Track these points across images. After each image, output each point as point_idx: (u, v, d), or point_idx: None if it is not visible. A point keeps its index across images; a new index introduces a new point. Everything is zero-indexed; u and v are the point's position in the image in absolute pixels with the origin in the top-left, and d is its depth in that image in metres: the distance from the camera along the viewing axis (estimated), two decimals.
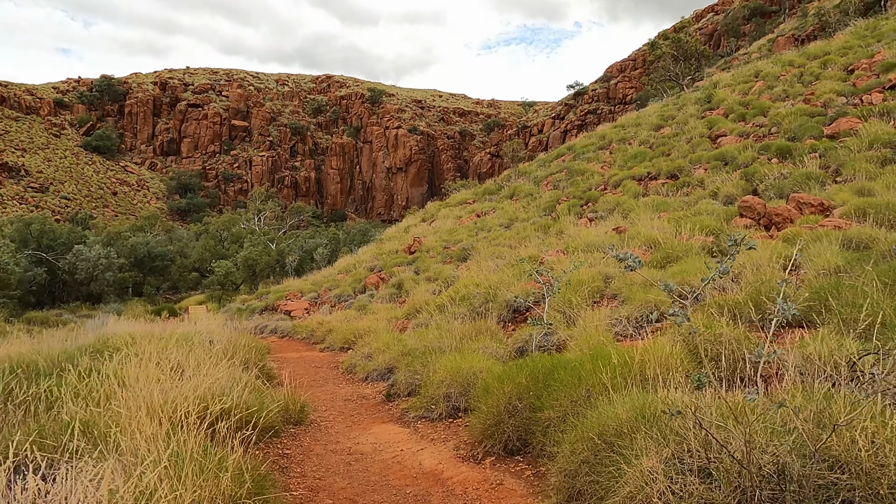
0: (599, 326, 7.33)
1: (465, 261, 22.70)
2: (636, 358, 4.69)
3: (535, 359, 5.29)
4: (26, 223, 42.67)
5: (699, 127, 27.21)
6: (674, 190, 21.56)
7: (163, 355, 9.04)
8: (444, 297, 12.86)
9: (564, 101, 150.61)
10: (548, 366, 5.01)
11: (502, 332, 8.94)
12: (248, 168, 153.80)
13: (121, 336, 12.44)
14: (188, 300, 45.15)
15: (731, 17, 78.28)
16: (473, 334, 8.54)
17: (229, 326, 18.37)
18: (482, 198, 38.34)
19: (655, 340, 5.27)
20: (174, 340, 10.78)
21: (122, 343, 11.33)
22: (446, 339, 8.76)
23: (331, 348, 13.69)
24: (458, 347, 8.16)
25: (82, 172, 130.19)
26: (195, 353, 9.12)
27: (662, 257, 11.74)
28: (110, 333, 13.52)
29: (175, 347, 9.81)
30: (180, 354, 9.34)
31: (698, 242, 12.59)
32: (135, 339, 12.03)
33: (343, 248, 54.77)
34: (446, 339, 8.76)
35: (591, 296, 9.48)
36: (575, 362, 4.80)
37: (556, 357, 5.16)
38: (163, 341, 10.26)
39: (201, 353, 9.07)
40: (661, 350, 4.58)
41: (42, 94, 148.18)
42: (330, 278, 31.00)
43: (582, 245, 15.40)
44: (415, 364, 7.63)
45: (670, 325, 7.71)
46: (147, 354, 9.40)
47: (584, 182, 27.52)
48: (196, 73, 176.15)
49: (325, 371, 10.77)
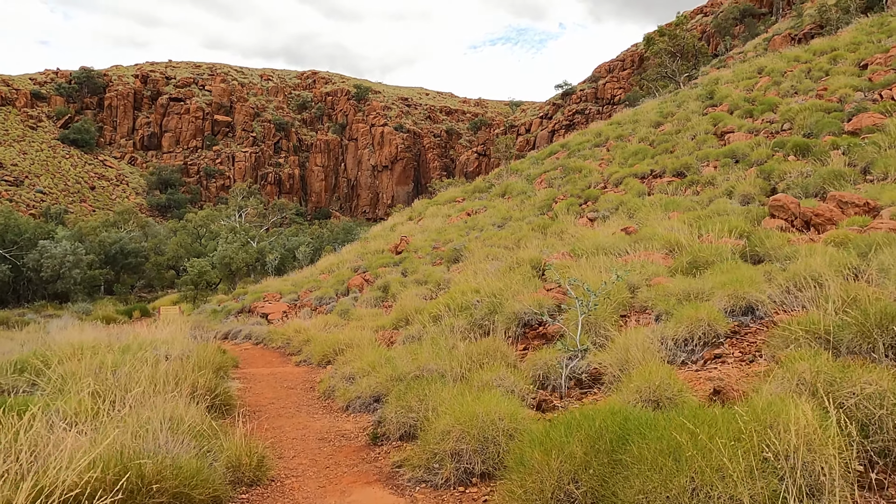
0: (645, 350, 5.77)
1: (456, 262, 21.12)
2: (748, 422, 3.13)
3: (590, 415, 3.73)
4: None
5: (703, 123, 25.88)
6: (681, 188, 20.17)
7: (97, 378, 7.34)
8: (437, 304, 11.24)
9: (552, 101, 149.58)
10: (615, 429, 3.44)
11: (514, 354, 7.35)
12: (230, 164, 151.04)
13: (62, 348, 10.72)
14: (162, 300, 43.11)
15: (723, 17, 77.55)
16: (480, 357, 6.95)
17: (198, 332, 16.61)
18: (472, 196, 36.80)
19: (774, 394, 3.70)
20: (120, 355, 9.07)
21: (60, 358, 9.61)
22: (445, 360, 7.15)
23: (308, 362, 12.02)
24: (463, 376, 6.57)
25: (59, 166, 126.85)
26: (136, 373, 7.42)
27: (689, 263, 10.24)
28: (51, 344, 11.75)
29: (117, 366, 8.10)
30: (122, 374, 7.66)
31: (727, 245, 11.08)
32: (77, 351, 10.32)
33: (326, 246, 52.98)
34: (445, 360, 7.15)
35: (616, 309, 7.92)
36: (661, 427, 3.24)
37: (626, 414, 3.61)
38: (104, 356, 8.54)
39: (145, 374, 7.37)
40: (792, 414, 3.02)
41: (18, 84, 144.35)
42: (311, 279, 29.26)
43: (590, 247, 13.86)
44: (408, 396, 6.02)
45: (732, 353, 6.15)
46: (76, 376, 7.67)
47: (581, 180, 26.08)
48: (178, 66, 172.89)
49: (299, 394, 9.11)
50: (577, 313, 6.45)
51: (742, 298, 6.84)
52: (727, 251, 10.72)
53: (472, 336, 8.67)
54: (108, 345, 10.57)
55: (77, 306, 36.98)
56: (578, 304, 6.44)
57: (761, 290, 7.23)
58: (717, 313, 6.42)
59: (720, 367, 5.56)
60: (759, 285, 7.39)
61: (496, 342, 7.26)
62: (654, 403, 4.61)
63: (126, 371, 7.14)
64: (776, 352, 5.23)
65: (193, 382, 7.06)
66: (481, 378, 6.08)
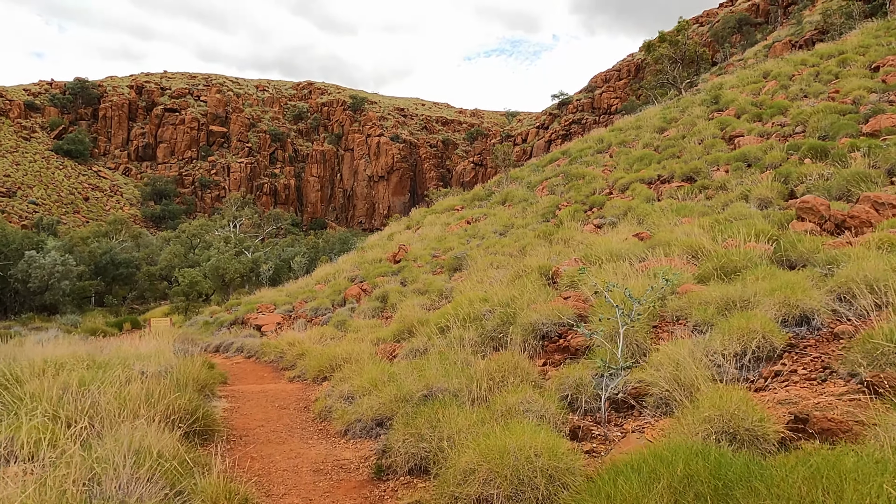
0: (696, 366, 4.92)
1: (458, 271, 20.31)
2: None
3: (665, 457, 2.88)
4: None
5: (710, 128, 25.20)
6: (692, 193, 19.42)
7: (62, 400, 6.46)
8: (443, 314, 10.39)
9: (549, 111, 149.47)
10: (706, 477, 2.57)
11: (535, 369, 6.49)
12: (226, 174, 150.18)
13: (32, 363, 9.82)
14: (154, 311, 42.07)
15: (719, 26, 77.45)
16: (498, 374, 6.10)
17: (185, 345, 15.72)
18: (471, 204, 36.05)
19: None
20: (92, 372, 8.16)
21: (29, 373, 8.72)
22: (457, 378, 6.30)
23: (302, 378, 11.13)
24: (481, 397, 5.72)
25: (53, 177, 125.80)
26: (107, 394, 6.55)
27: (716, 269, 9.44)
28: (21, 359, 10.82)
29: (85, 385, 7.21)
30: (93, 391, 6.78)
31: (755, 250, 10.29)
32: (50, 366, 9.43)
33: (322, 256, 52.10)
34: (457, 378, 6.30)
35: (647, 319, 7.08)
36: (779, 481, 2.37)
37: (718, 458, 2.76)
38: (69, 375, 7.64)
39: (113, 396, 6.49)
40: None
41: (12, 95, 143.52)
42: (307, 289, 28.37)
43: (603, 253, 13.04)
44: (418, 422, 5.17)
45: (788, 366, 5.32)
46: (37, 397, 6.77)
47: (585, 186, 25.33)
48: (174, 77, 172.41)
49: (292, 414, 8.21)
50: (618, 324, 5.59)
51: (794, 307, 6.01)
52: (756, 256, 9.94)
53: (484, 349, 7.82)
54: (83, 360, 9.66)
55: (65, 318, 35.90)
56: (619, 313, 5.59)
57: (812, 298, 6.41)
58: (771, 324, 5.59)
59: (787, 387, 4.73)
60: (809, 292, 6.56)
61: (515, 357, 6.41)
62: (730, 436, 3.79)
63: (94, 392, 6.25)
64: (857, 368, 4.41)
65: (170, 404, 6.19)
66: (505, 401, 5.22)
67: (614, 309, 5.64)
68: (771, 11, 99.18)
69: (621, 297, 5.96)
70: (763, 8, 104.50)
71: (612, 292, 5.99)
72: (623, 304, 5.72)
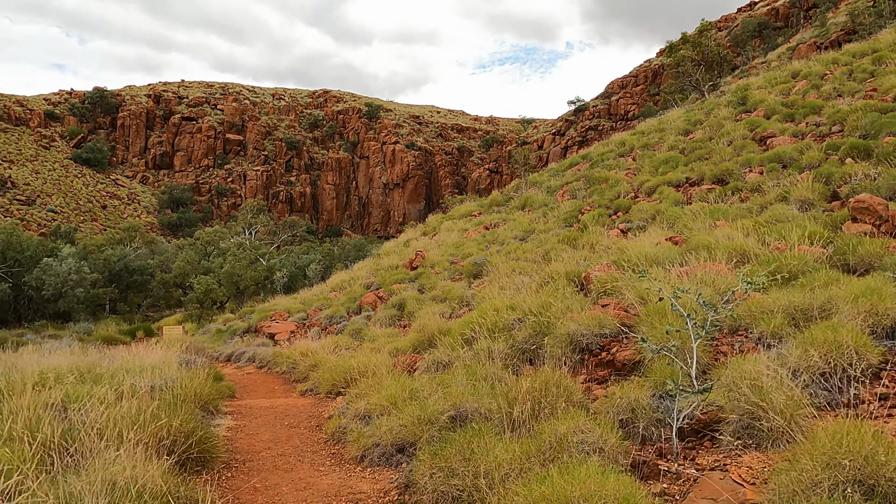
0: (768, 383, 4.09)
1: (477, 277, 19.51)
2: None
3: None
4: None
5: (739, 129, 24.26)
6: (723, 196, 18.50)
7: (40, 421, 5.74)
8: (465, 324, 9.60)
9: (565, 118, 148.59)
10: None
11: (578, 388, 5.68)
12: (242, 182, 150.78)
13: (27, 375, 9.16)
14: (168, 319, 41.62)
15: (739, 30, 76.35)
16: (538, 394, 5.30)
17: (193, 355, 15.05)
18: (489, 209, 35.28)
19: None
20: (84, 387, 7.46)
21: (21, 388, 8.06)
22: (488, 397, 5.50)
23: (315, 392, 10.37)
24: (522, 422, 4.92)
25: (71, 185, 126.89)
26: (93, 413, 5.82)
27: (769, 274, 8.58)
28: (15, 370, 10.19)
29: (72, 401, 6.50)
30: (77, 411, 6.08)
31: (810, 253, 9.42)
32: (47, 379, 8.77)
33: (337, 264, 51.50)
34: (488, 397, 5.50)
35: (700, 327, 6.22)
36: None
37: None
38: (61, 390, 6.95)
39: (104, 414, 5.77)
40: None
41: (33, 105, 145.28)
42: (321, 296, 27.70)
43: (636, 258, 12.19)
44: (447, 452, 4.39)
45: None
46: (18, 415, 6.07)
47: (609, 190, 24.47)
48: (191, 86, 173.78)
49: (303, 434, 7.45)
50: (682, 336, 4.76)
51: (884, 316, 5.15)
52: (811, 260, 9.07)
53: (516, 363, 7.01)
54: (79, 372, 8.97)
55: (79, 326, 35.49)
56: (690, 323, 4.75)
57: None
58: (863, 336, 4.75)
59: None
60: None
61: (556, 374, 5.60)
62: (865, 489, 2.96)
63: (76, 411, 5.53)
64: None
65: (164, 425, 5.45)
66: (554, 431, 4.41)
67: (680, 318, 4.82)
68: (791, 15, 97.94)
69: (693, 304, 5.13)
70: (783, 12, 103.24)
71: (678, 299, 5.16)
72: (694, 311, 4.88)
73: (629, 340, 6.60)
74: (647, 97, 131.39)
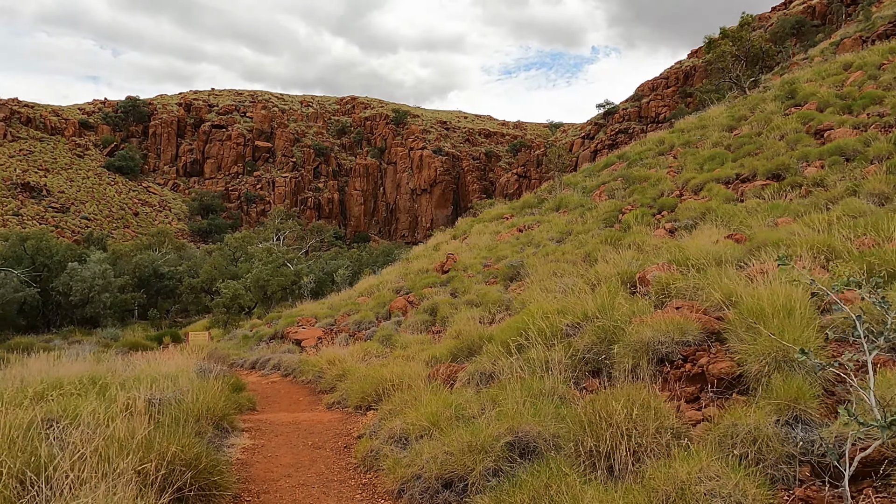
0: None
1: (514, 280, 18.44)
2: None
3: None
4: (21, 238, 39.07)
5: (790, 123, 22.87)
6: (780, 192, 17.16)
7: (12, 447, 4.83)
8: (510, 330, 8.54)
9: (594, 121, 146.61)
10: None
11: (669, 409, 4.58)
12: (271, 189, 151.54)
13: (29, 384, 8.38)
14: (195, 325, 41.21)
15: (778, 27, 74.22)
16: (623, 418, 4.22)
17: (215, 363, 14.22)
18: (521, 211, 34.16)
19: None
20: (80, 400, 6.57)
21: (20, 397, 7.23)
22: (554, 420, 4.43)
23: (342, 405, 9.39)
24: (605, 456, 3.84)
25: (104, 193, 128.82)
26: (78, 435, 4.88)
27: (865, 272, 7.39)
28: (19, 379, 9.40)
29: (60, 419, 5.58)
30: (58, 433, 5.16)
31: None
32: (46, 390, 7.99)
33: (365, 269, 50.71)
34: (554, 420, 4.43)
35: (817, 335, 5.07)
36: None
37: None
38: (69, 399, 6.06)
39: (94, 436, 4.82)
40: None
41: (68, 115, 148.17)
42: (349, 301, 26.85)
43: (695, 257, 10.99)
44: (518, 499, 3.35)
45: None
46: None
47: (651, 189, 23.23)
48: (221, 94, 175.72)
49: (329, 458, 6.43)
50: (864, 350, 3.55)
51: None
52: None
53: (578, 375, 5.91)
54: (82, 383, 8.09)
55: (106, 332, 35.20)
56: (861, 328, 3.55)
57: None
58: None
59: None
60: None
61: (641, 392, 4.52)
62: None
63: (59, 432, 4.60)
64: None
65: (160, 452, 4.50)
66: (671, 475, 3.33)
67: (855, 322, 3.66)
68: (829, 12, 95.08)
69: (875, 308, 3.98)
70: (819, 10, 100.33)
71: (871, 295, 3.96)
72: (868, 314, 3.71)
73: (718, 349, 5.48)
74: (679, 99, 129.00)
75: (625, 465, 3.85)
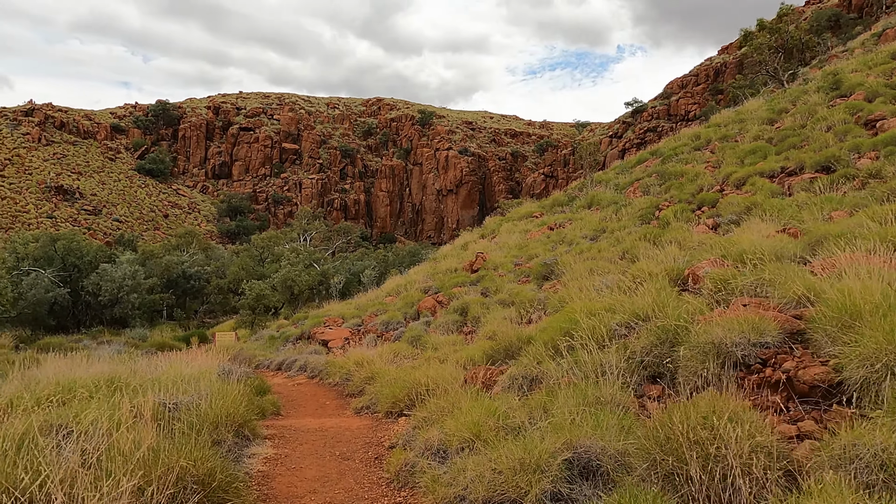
0: None
1: (547, 279, 17.73)
2: None
3: None
4: (52, 239, 39.47)
5: (837, 114, 21.79)
6: (832, 185, 16.22)
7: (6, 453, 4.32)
8: (551, 330, 7.89)
9: (622, 120, 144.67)
10: None
11: (763, 422, 3.91)
12: (297, 191, 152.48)
13: (42, 387, 7.98)
14: (223, 325, 41.17)
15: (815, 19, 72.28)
16: (707, 433, 3.57)
17: (239, 364, 13.79)
18: (551, 210, 33.40)
19: None
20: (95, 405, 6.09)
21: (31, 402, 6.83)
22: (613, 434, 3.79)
23: (372, 409, 8.83)
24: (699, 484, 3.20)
25: (135, 195, 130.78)
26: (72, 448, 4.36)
27: None
28: (32, 382, 9.03)
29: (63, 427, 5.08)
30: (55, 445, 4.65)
31: None
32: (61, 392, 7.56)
33: (392, 269, 50.28)
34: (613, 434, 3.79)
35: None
36: None
37: None
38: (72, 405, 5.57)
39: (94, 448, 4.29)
40: None
41: (100, 119, 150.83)
42: (376, 301, 26.39)
43: (749, 253, 10.23)
44: None
45: None
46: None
47: (689, 184, 22.36)
48: (248, 97, 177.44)
49: (358, 471, 5.85)
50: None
51: None
52: None
53: (636, 381, 5.24)
54: (95, 386, 7.62)
55: (134, 332, 35.28)
56: None
57: None
58: None
59: None
60: None
61: (729, 402, 3.85)
62: None
63: (56, 443, 4.07)
64: None
65: (168, 467, 3.96)
66: None
67: None
68: (866, 5, 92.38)
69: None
70: (855, 3, 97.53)
71: None
72: None
73: (803, 352, 4.77)
74: (709, 96, 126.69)
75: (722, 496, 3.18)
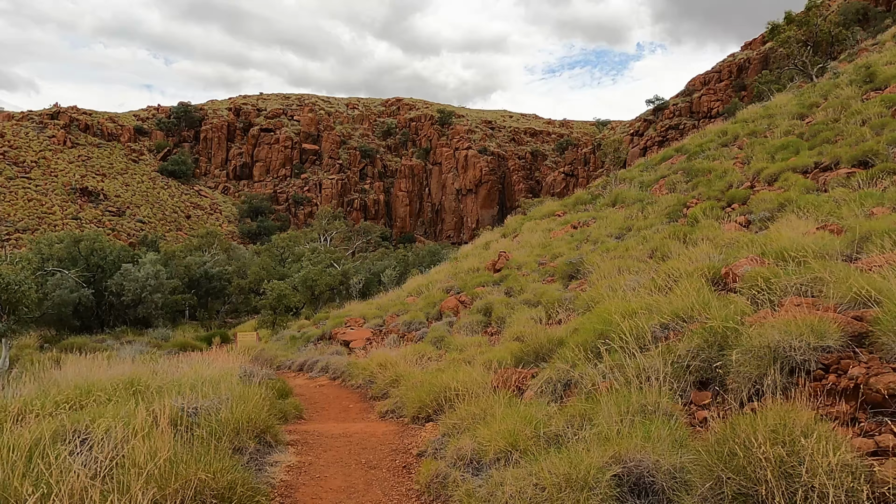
0: None
1: (573, 278, 17.34)
2: None
3: None
4: (76, 240, 39.79)
5: (872, 107, 21.14)
6: (871, 180, 15.64)
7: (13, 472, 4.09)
8: (583, 331, 7.55)
9: (643, 118, 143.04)
10: None
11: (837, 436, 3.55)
12: (318, 191, 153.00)
13: (61, 390, 7.80)
14: (244, 325, 41.23)
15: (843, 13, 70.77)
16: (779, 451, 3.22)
17: (260, 366, 13.59)
18: (574, 208, 32.94)
19: None
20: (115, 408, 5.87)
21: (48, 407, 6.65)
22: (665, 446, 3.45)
23: (398, 414, 8.54)
24: None
25: (158, 196, 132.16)
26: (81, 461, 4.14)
27: None
28: (51, 384, 8.86)
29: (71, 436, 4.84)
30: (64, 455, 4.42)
31: None
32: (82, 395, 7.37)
33: (412, 269, 50.06)
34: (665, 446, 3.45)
35: None
36: None
37: None
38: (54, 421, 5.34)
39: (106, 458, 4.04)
40: None
41: (123, 121, 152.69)
42: (398, 301, 26.14)
43: (790, 250, 9.81)
44: None
45: None
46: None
47: (718, 181, 21.81)
48: (269, 98, 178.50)
49: (386, 480, 5.56)
50: None
51: None
52: None
53: (682, 385, 4.88)
54: (113, 389, 7.39)
55: (157, 332, 35.44)
56: None
57: None
58: None
59: None
60: None
61: (802, 414, 3.49)
62: None
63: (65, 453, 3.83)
64: None
65: (185, 481, 3.70)
66: None
67: None
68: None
69: None
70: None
71: None
72: None
73: (869, 357, 4.37)
74: (732, 92, 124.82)
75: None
